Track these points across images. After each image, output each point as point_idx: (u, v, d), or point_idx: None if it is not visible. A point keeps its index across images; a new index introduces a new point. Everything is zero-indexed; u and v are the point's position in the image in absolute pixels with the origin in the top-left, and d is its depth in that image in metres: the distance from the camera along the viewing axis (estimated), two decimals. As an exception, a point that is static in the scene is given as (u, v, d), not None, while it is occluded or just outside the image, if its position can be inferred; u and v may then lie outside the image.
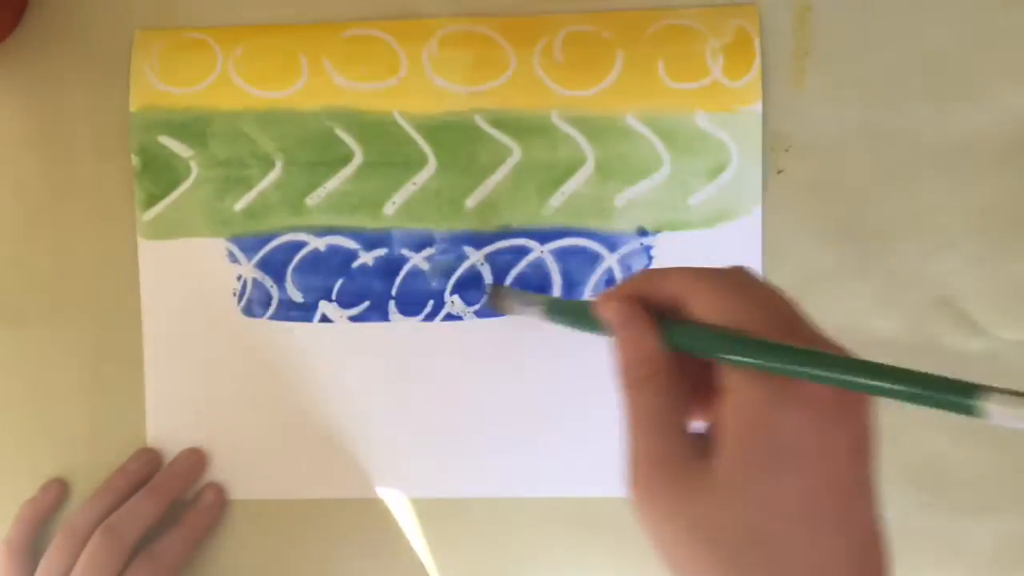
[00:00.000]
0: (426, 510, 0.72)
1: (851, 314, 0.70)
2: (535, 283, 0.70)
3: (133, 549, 0.66)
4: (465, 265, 0.70)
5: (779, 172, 0.69)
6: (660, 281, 0.42)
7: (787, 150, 0.69)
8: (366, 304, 0.71)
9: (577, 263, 0.70)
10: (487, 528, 0.72)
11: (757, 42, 0.68)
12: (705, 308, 0.39)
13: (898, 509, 0.71)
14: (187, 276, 0.71)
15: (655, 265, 0.70)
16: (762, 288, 0.41)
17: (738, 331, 0.38)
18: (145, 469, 0.71)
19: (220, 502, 0.72)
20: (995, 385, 0.34)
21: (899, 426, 0.70)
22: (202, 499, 0.71)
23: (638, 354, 0.41)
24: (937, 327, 0.70)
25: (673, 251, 0.69)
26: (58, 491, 0.72)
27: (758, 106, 0.68)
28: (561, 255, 0.70)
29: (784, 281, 0.69)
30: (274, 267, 0.71)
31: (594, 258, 0.70)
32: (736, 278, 0.41)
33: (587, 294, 0.70)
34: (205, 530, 0.71)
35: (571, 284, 0.70)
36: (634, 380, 0.41)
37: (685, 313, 0.40)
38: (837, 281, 0.70)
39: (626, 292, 0.43)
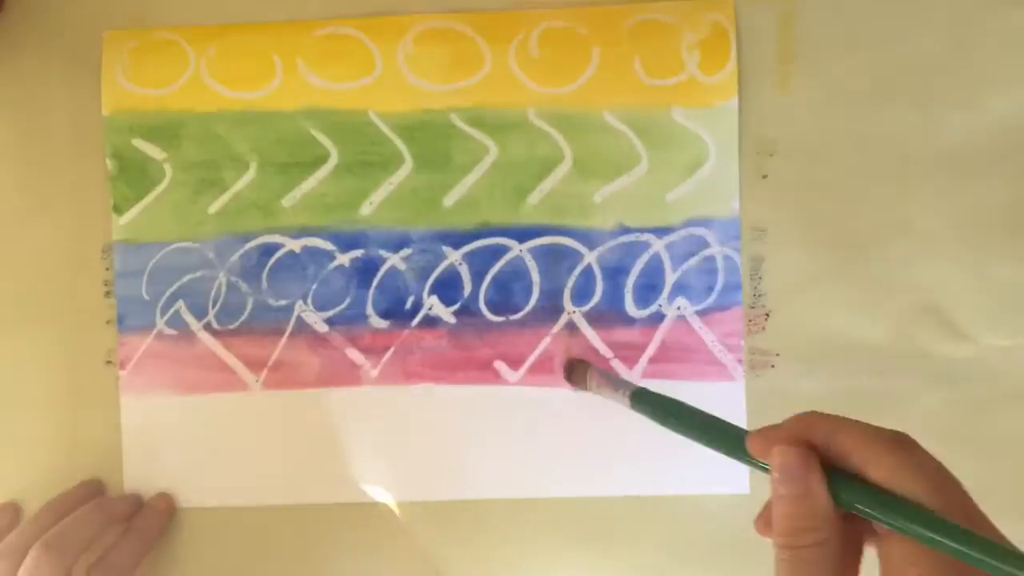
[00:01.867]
0: (401, 513, 0.71)
1: (836, 320, 0.69)
2: (514, 282, 0.69)
3: (74, 563, 0.63)
4: (443, 265, 0.70)
5: (764, 177, 0.69)
6: (830, 431, 0.38)
7: (772, 155, 0.69)
8: (343, 306, 0.70)
9: (555, 261, 0.69)
10: (461, 530, 0.71)
11: (733, 36, 0.68)
12: (885, 473, 0.36)
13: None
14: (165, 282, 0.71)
15: (638, 264, 0.69)
16: (934, 462, 0.38)
17: (925, 507, 0.35)
18: (89, 496, 0.70)
19: (169, 508, 0.70)
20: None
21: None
22: (152, 505, 0.70)
23: (808, 516, 0.37)
24: (922, 333, 0.69)
25: (652, 248, 0.69)
26: (11, 517, 0.70)
27: (735, 101, 0.68)
28: (540, 254, 0.69)
29: (769, 286, 0.69)
30: (249, 270, 0.70)
31: (573, 256, 0.69)
32: (910, 446, 0.37)
33: (567, 295, 0.69)
34: (155, 536, 0.69)
35: (550, 283, 0.69)
36: (802, 544, 0.37)
37: (856, 472, 0.37)
38: (822, 286, 0.69)
39: (791, 435, 0.39)
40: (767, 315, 0.69)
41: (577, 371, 0.68)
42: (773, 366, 0.69)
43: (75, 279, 0.71)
